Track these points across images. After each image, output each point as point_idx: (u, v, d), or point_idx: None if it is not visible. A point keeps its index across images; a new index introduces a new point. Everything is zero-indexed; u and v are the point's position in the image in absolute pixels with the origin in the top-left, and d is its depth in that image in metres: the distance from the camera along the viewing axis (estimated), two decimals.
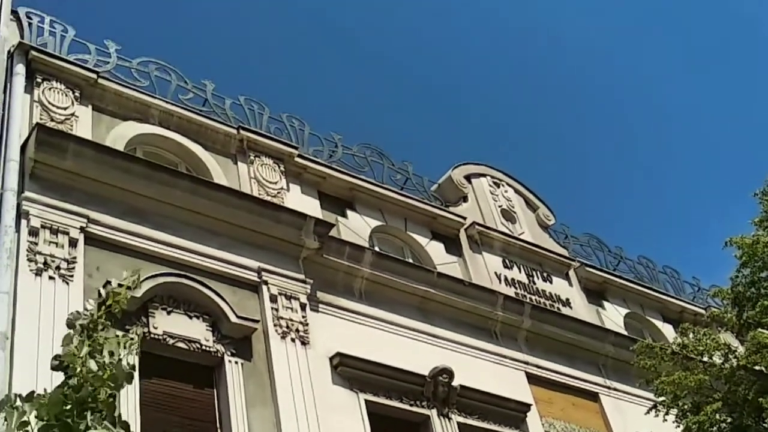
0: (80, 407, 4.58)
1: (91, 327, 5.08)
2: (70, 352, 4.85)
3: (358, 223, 14.80)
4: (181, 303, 11.13)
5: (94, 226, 10.91)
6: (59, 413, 4.51)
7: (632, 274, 19.18)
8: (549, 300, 16.60)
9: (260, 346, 11.62)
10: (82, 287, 10.33)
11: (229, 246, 12.12)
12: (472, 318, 14.79)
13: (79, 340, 4.93)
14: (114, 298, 5.50)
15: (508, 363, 14.79)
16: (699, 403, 13.20)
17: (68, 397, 4.55)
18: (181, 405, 10.63)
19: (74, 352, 4.83)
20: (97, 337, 5.06)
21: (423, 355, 13.40)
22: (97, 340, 5.00)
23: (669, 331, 18.00)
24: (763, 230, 14.52)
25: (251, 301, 11.98)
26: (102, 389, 4.70)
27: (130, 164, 11.63)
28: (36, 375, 8.74)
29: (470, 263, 16.01)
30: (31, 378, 8.59)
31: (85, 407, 4.59)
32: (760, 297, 13.93)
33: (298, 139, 14.76)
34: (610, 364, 16.36)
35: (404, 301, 14.08)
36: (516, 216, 17.87)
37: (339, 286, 13.42)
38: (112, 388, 4.79)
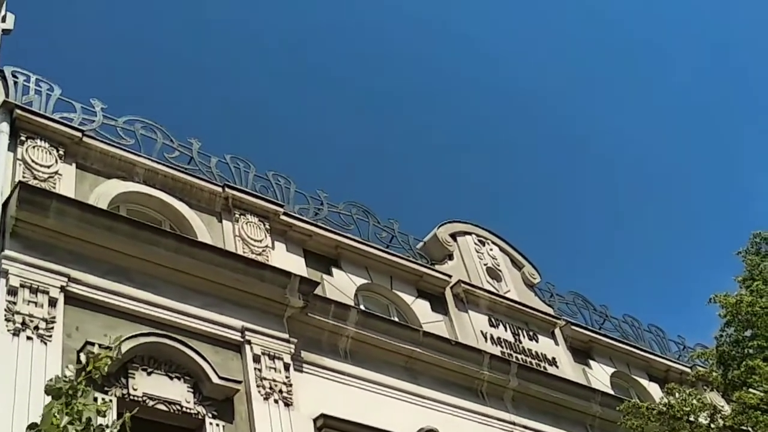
0: None
1: (71, 393, 4.89)
2: (48, 421, 4.66)
3: (344, 281, 14.49)
4: (162, 363, 10.73)
5: (75, 285, 10.55)
6: None
7: (618, 332, 18.92)
8: (535, 359, 16.26)
9: (242, 408, 11.19)
10: (60, 347, 9.94)
11: (212, 305, 11.76)
12: (458, 377, 14.43)
13: (58, 408, 4.74)
14: (95, 363, 5.19)
15: (494, 423, 14.40)
16: None
17: None
18: None
19: (54, 421, 4.65)
20: (76, 404, 4.82)
21: (409, 415, 13.01)
22: (75, 407, 4.77)
23: (655, 390, 17.66)
24: (746, 289, 14.35)
25: (234, 361, 11.58)
26: None
27: (113, 222, 11.31)
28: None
29: (456, 322, 15.69)
30: None
31: None
32: (745, 357, 13.75)
33: (283, 197, 14.51)
34: (597, 423, 15.98)
35: (390, 360, 13.72)
36: (501, 274, 17.62)
37: (324, 345, 13.05)
38: None
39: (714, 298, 14.22)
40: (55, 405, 4.73)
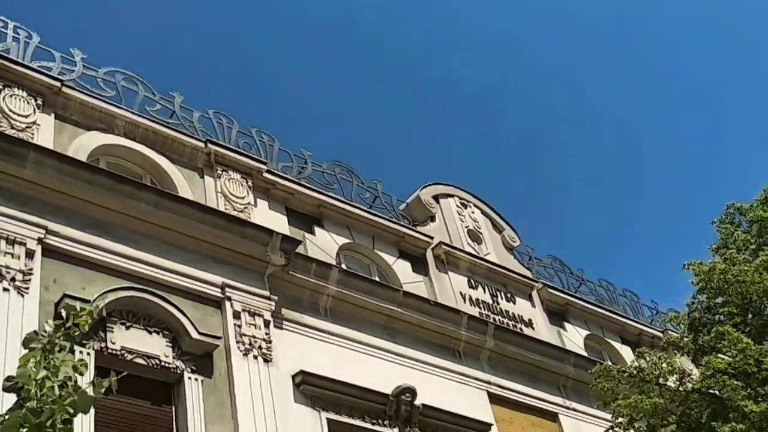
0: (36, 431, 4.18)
1: (48, 348, 4.64)
2: (26, 374, 4.45)
3: (326, 241, 14.14)
4: (141, 318, 10.36)
5: (53, 238, 10.12)
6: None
7: (593, 296, 18.78)
8: (512, 320, 16.06)
9: (221, 363, 10.87)
10: (37, 300, 9.54)
11: (192, 261, 11.36)
12: (436, 337, 14.18)
13: (35, 362, 4.52)
14: (75, 319, 4.88)
15: (470, 382, 14.20)
16: (654, 426, 12.90)
17: (26, 420, 4.18)
18: (137, 422, 9.85)
19: (31, 374, 4.44)
20: (54, 359, 4.56)
21: (387, 373, 12.76)
22: (53, 362, 4.53)
23: (627, 353, 17.55)
24: (719, 257, 14.24)
25: (214, 317, 11.22)
26: (59, 414, 4.32)
27: (92, 175, 10.83)
28: None
29: (436, 283, 15.42)
30: None
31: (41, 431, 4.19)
32: (716, 323, 13.70)
33: (267, 155, 14.07)
34: (570, 384, 15.85)
35: (370, 319, 13.43)
36: (482, 237, 17.34)
37: (305, 303, 12.73)
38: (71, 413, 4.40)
39: (688, 264, 14.13)
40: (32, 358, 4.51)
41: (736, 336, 12.63)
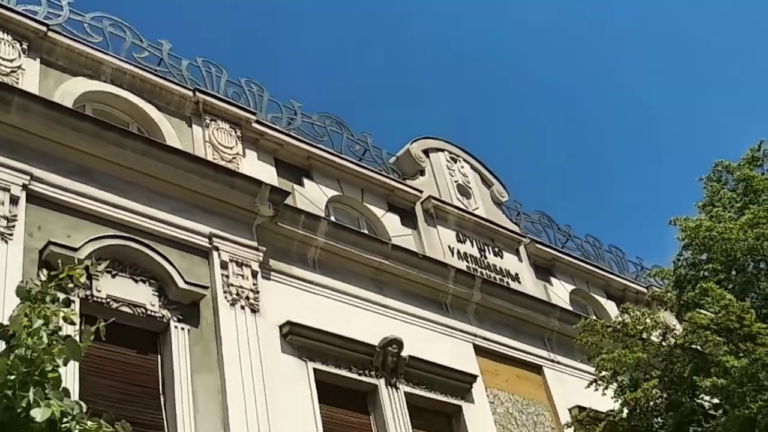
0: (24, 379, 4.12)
1: (39, 297, 4.59)
2: (19, 322, 4.37)
3: (315, 193, 13.91)
4: (127, 266, 10.15)
5: (38, 184, 9.84)
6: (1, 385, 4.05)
7: (579, 252, 18.68)
8: (499, 275, 15.95)
9: (208, 313, 10.70)
10: (22, 246, 9.30)
11: (179, 210, 11.11)
12: (424, 290, 14.06)
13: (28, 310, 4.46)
14: (69, 272, 4.76)
15: (456, 335, 14.13)
16: (637, 380, 12.96)
17: (14, 367, 4.08)
18: (123, 370, 9.68)
19: (24, 323, 4.35)
20: (45, 309, 4.49)
21: (374, 325, 12.65)
22: (44, 312, 4.47)
23: (612, 308, 17.53)
24: (706, 214, 14.18)
25: (201, 267, 11.02)
26: (49, 362, 4.26)
27: (78, 122, 10.51)
28: None
29: (424, 236, 15.27)
30: None
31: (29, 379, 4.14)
32: (700, 279, 13.68)
33: (256, 105, 13.74)
34: (555, 338, 15.82)
35: (358, 271, 13.27)
36: (471, 191, 17.16)
37: (293, 254, 12.54)
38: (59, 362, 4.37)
39: (674, 221, 14.08)
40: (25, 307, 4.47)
41: (719, 292, 12.61)
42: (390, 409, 12.01)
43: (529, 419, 14.20)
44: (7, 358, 4.23)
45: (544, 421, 14.43)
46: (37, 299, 4.60)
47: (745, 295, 13.47)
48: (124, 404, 9.10)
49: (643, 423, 12.55)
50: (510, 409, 14.03)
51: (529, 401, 14.52)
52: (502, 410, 13.84)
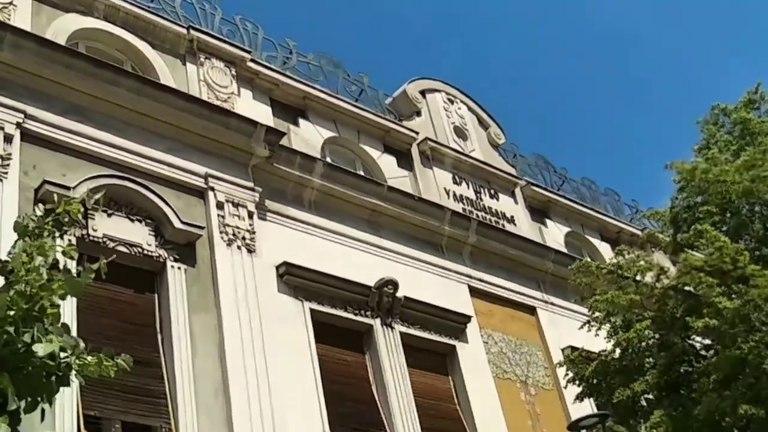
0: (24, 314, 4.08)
1: (37, 233, 4.55)
2: (18, 257, 4.33)
3: (311, 133, 13.82)
4: (123, 206, 10.13)
5: (32, 123, 9.73)
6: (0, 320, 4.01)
7: (575, 194, 18.68)
8: (495, 216, 15.98)
9: (205, 253, 10.71)
10: (17, 185, 9.24)
11: (175, 150, 11.03)
12: (419, 232, 14.08)
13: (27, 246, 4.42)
14: (65, 206, 4.71)
15: (452, 276, 14.21)
16: (630, 321, 13.06)
17: (14, 303, 4.04)
18: (120, 309, 9.73)
19: (23, 259, 4.31)
20: (43, 244, 4.39)
21: (369, 266, 12.69)
22: (42, 247, 4.39)
23: (606, 250, 17.62)
24: (702, 157, 14.15)
25: (197, 207, 10.99)
26: (47, 298, 4.21)
27: (71, 59, 10.35)
28: None
29: (420, 178, 15.23)
30: None
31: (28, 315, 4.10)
32: (695, 221, 13.69)
33: (251, 43, 13.54)
34: (549, 280, 15.92)
35: (354, 213, 13.27)
36: (468, 133, 17.06)
37: (288, 195, 12.51)
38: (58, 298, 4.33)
39: (671, 164, 14.05)
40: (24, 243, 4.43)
41: (713, 234, 12.64)
42: (385, 348, 12.13)
43: (522, 359, 14.38)
44: (7, 293, 4.22)
45: (537, 361, 14.62)
46: (34, 234, 4.56)
47: (740, 237, 13.51)
48: (122, 342, 9.14)
49: (635, 363, 12.70)
50: (503, 348, 14.20)
51: (523, 341, 14.68)
52: (495, 350, 14.01)
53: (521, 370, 14.18)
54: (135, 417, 9.21)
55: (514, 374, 14.01)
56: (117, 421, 9.11)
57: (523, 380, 14.07)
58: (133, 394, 9.14)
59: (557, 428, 13.33)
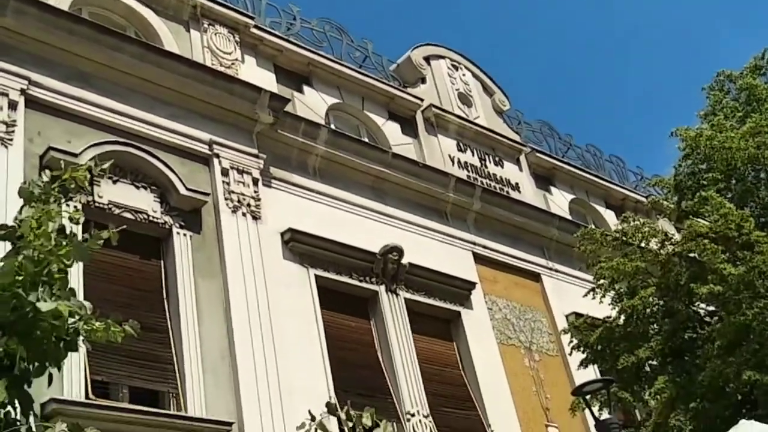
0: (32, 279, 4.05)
1: (43, 199, 4.51)
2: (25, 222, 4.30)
3: (315, 100, 13.74)
4: (128, 173, 10.11)
5: (36, 89, 9.69)
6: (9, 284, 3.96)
7: (580, 161, 18.60)
8: (499, 184, 15.93)
9: (210, 220, 10.72)
10: (22, 151, 9.23)
11: (179, 116, 10.99)
12: (424, 199, 14.05)
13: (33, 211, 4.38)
14: (72, 173, 4.68)
15: (456, 243, 14.20)
16: (634, 287, 13.07)
17: (22, 268, 4.00)
18: (127, 275, 9.76)
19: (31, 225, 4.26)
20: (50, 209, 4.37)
21: (374, 233, 12.68)
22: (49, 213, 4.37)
23: (611, 218, 17.59)
24: (707, 124, 14.07)
25: (201, 173, 10.98)
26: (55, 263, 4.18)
27: (74, 25, 10.27)
28: None
29: (425, 145, 15.17)
30: None
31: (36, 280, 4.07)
32: (699, 188, 13.65)
33: (254, 9, 13.41)
34: (553, 247, 15.91)
35: (358, 180, 13.23)
36: (472, 100, 16.96)
37: (293, 162, 12.48)
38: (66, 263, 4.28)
39: (675, 131, 13.98)
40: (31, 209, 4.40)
41: (718, 201, 12.59)
42: (390, 314, 12.17)
43: (527, 325, 14.43)
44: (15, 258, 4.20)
45: (542, 327, 14.66)
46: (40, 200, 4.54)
47: (745, 203, 13.46)
48: (128, 308, 9.17)
49: (639, 329, 12.72)
50: (508, 315, 14.24)
51: (527, 308, 14.72)
52: (500, 316, 14.05)
53: (525, 337, 14.23)
54: (142, 382, 9.28)
55: (518, 340, 14.07)
56: (124, 386, 9.18)
57: (527, 346, 14.13)
58: (140, 360, 9.19)
59: (561, 394, 13.41)
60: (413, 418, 11.35)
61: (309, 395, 10.02)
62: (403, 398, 11.48)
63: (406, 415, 11.34)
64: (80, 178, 4.80)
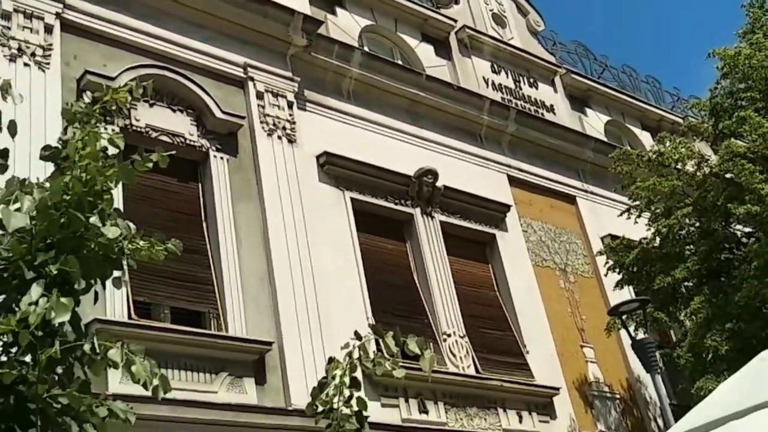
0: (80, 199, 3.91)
1: (85, 120, 4.34)
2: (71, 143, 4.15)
3: (348, 22, 13.45)
4: (164, 96, 10.03)
5: (72, 13, 9.57)
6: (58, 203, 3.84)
7: (615, 82, 18.18)
8: (534, 106, 15.63)
9: (246, 143, 10.65)
10: (59, 75, 9.18)
11: (214, 40, 10.84)
12: (458, 121, 13.84)
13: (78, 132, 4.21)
14: (113, 95, 4.57)
15: (491, 165, 14.03)
16: (670, 208, 12.97)
17: (71, 186, 3.86)
18: (165, 198, 9.77)
19: (77, 145, 4.14)
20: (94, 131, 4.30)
21: (409, 156, 12.55)
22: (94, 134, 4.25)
23: (647, 139, 17.26)
24: (746, 42, 13.66)
25: (237, 97, 10.86)
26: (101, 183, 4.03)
27: None
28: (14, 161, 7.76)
29: (459, 67, 14.86)
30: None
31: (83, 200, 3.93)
32: (737, 108, 13.39)
33: None
34: (588, 168, 15.68)
35: (393, 102, 13.04)
36: (506, 21, 16.53)
37: (327, 85, 12.30)
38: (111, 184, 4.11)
39: (713, 52, 13.63)
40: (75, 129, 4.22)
41: (757, 120, 12.34)
42: (426, 237, 12.12)
43: (562, 247, 14.33)
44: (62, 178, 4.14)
45: (576, 249, 14.56)
46: (82, 121, 4.47)
47: None
48: (168, 231, 9.04)
49: (676, 250, 12.64)
50: (543, 237, 14.14)
51: (562, 230, 14.60)
52: (535, 238, 13.95)
53: (560, 259, 14.14)
54: (183, 303, 9.37)
55: (554, 262, 13.99)
56: (166, 307, 9.28)
57: (562, 268, 14.05)
58: (180, 281, 9.27)
59: (596, 315, 13.39)
60: (449, 339, 11.40)
61: (346, 316, 10.09)
62: (439, 319, 11.51)
63: (443, 335, 11.39)
64: (121, 100, 4.69)
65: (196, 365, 8.77)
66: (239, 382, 9.01)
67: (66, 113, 4.60)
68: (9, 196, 3.91)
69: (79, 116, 4.54)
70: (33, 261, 3.71)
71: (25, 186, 3.94)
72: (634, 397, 13.49)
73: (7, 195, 3.90)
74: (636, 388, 13.54)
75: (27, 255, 3.64)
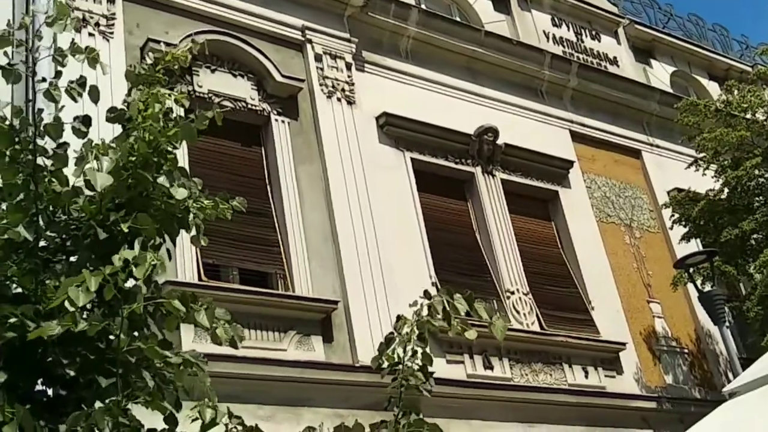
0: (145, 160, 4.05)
1: (149, 81, 4.46)
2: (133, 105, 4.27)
3: None
4: (225, 61, 10.15)
5: None
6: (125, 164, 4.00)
7: (681, 31, 17.63)
8: (596, 59, 15.30)
9: (306, 106, 10.72)
10: (123, 44, 9.37)
11: (271, 3, 10.88)
12: (518, 77, 13.65)
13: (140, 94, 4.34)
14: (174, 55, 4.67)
15: (552, 121, 13.83)
16: (739, 159, 12.65)
17: (136, 148, 4.00)
18: (229, 162, 9.94)
19: (139, 107, 4.25)
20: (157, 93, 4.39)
21: (469, 114, 12.45)
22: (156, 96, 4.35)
23: (714, 89, 16.74)
24: None
25: (295, 60, 10.92)
26: (164, 144, 4.17)
27: None
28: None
29: (518, 21, 14.61)
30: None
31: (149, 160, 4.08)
32: None
33: None
34: (653, 121, 15.33)
35: (451, 60, 12.91)
36: None
37: (385, 45, 12.25)
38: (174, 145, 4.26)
39: None
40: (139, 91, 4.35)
41: None
42: (487, 195, 12.07)
43: (627, 203, 14.10)
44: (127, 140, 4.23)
45: (642, 204, 14.31)
46: (146, 83, 4.55)
47: None
48: (233, 194, 9.34)
49: (744, 202, 12.34)
50: (607, 193, 13.92)
51: (627, 185, 14.35)
52: (599, 194, 13.75)
53: (625, 214, 13.92)
54: (251, 264, 9.58)
55: (618, 218, 13.78)
56: (234, 269, 9.50)
57: (627, 224, 13.84)
58: (247, 243, 9.46)
59: (663, 269, 13.19)
60: (513, 296, 11.40)
61: (410, 275, 10.18)
62: (503, 277, 11.50)
63: (506, 293, 11.38)
64: (182, 58, 4.75)
65: (265, 324, 8.98)
66: (307, 340, 9.21)
67: (129, 75, 4.71)
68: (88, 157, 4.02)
69: (142, 78, 4.64)
70: (104, 221, 3.82)
71: (101, 148, 4.05)
72: (702, 352, 13.30)
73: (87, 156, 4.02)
74: (704, 342, 13.35)
75: (98, 215, 3.75)
